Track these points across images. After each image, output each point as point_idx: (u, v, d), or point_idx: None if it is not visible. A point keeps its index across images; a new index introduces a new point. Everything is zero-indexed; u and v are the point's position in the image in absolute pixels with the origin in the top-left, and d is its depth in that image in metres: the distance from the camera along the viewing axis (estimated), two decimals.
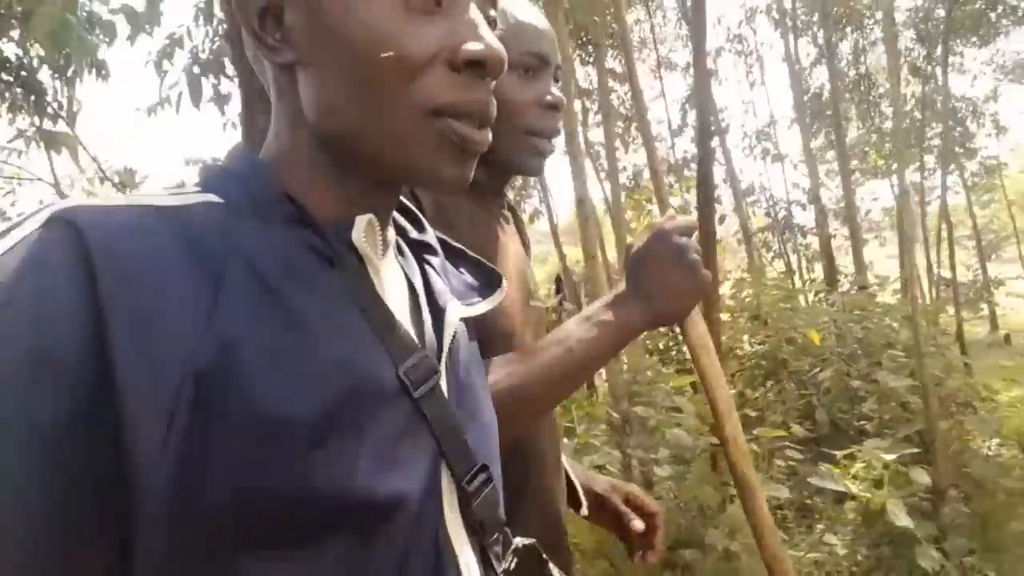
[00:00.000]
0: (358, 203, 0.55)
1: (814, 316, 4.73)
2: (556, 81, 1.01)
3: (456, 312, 0.61)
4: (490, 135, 0.55)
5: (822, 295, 5.67)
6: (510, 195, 1.12)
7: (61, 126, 5.97)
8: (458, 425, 0.54)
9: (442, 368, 0.56)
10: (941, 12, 9.10)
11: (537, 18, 1.00)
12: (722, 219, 9.28)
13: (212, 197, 0.50)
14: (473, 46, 0.51)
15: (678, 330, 1.62)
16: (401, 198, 0.65)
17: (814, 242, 8.49)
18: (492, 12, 0.59)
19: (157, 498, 0.39)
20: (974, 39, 10.02)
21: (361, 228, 0.53)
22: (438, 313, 0.59)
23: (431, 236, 0.67)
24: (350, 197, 0.55)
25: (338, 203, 0.54)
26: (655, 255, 0.92)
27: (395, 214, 0.65)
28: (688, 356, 1.15)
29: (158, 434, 0.39)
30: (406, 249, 0.64)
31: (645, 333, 0.96)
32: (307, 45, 0.52)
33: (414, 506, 0.49)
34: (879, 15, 9.68)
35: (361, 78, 0.50)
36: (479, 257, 0.72)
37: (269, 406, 0.42)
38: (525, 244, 1.11)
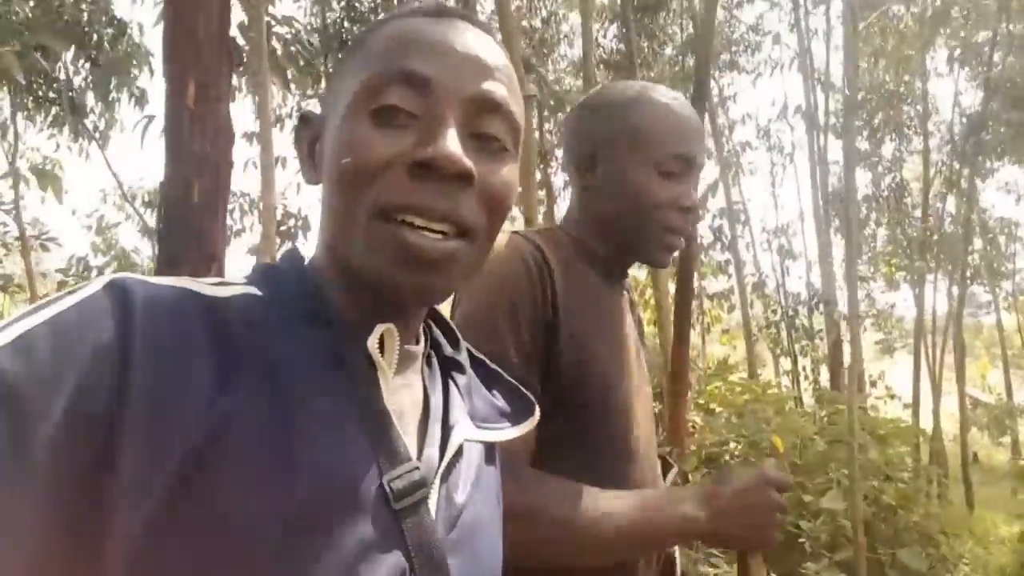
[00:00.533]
0: (374, 311, 0.56)
1: (789, 423, 4.63)
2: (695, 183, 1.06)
3: (463, 432, 0.61)
4: (451, 246, 0.54)
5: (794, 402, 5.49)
6: None
7: (93, 147, 6.32)
8: (437, 545, 0.53)
9: (435, 485, 0.56)
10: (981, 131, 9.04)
11: (689, 115, 1.05)
12: (731, 308, 9.19)
13: (253, 290, 0.55)
14: (423, 151, 0.52)
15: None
16: (444, 316, 0.69)
17: (822, 346, 8.32)
18: (531, 87, 0.65)
19: (128, 534, 0.43)
20: (1013, 157, 9.88)
21: (376, 336, 0.55)
22: (447, 431, 0.60)
23: (463, 355, 0.68)
24: (363, 305, 0.57)
25: (358, 309, 0.57)
26: (750, 497, 0.94)
27: (433, 327, 0.68)
28: None
29: (142, 488, 0.43)
30: (435, 363, 0.65)
31: None
32: (321, 165, 0.59)
33: None
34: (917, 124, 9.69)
35: (329, 185, 0.55)
36: (517, 384, 0.73)
37: (241, 499, 0.45)
38: (639, 325, 1.18)
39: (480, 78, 0.56)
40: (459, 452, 0.60)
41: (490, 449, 0.68)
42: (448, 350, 0.67)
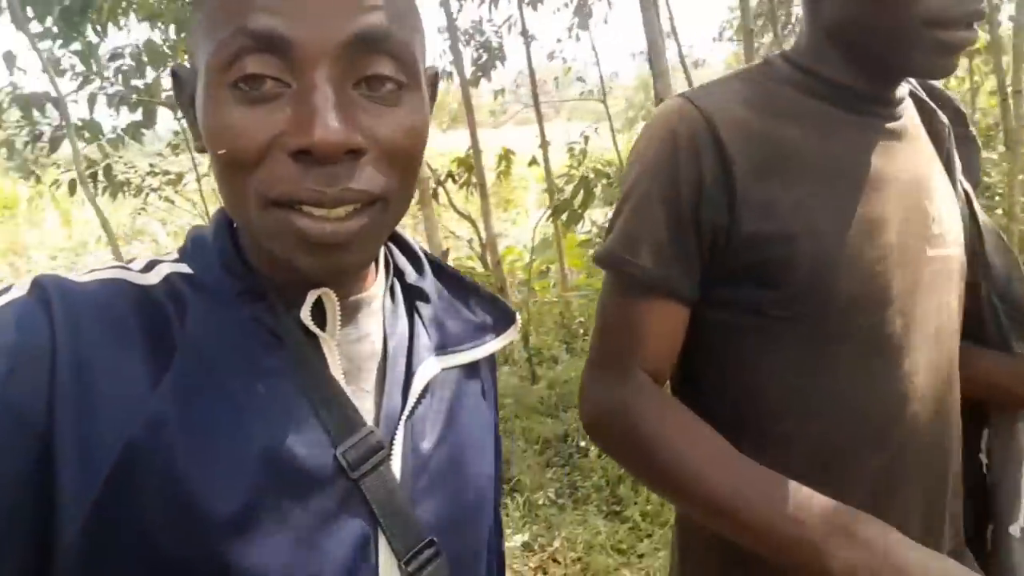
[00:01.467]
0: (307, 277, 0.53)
1: None
2: None
3: (428, 372, 0.59)
4: (359, 223, 0.49)
5: None
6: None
7: None
8: (402, 503, 0.53)
9: (398, 436, 0.55)
10: None
11: None
12: None
13: (183, 267, 0.54)
14: (300, 139, 0.46)
15: None
16: (408, 239, 0.66)
17: None
18: None
19: (72, 533, 0.44)
20: None
21: (308, 306, 0.53)
22: (410, 375, 0.58)
23: (428, 281, 0.65)
24: (293, 271, 0.52)
25: (288, 274, 0.53)
26: None
27: (397, 255, 0.65)
28: None
29: (80, 486, 0.44)
30: (399, 295, 0.63)
31: None
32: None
33: None
34: None
35: (213, 165, 0.51)
36: (494, 294, 0.69)
37: (188, 494, 0.45)
38: (944, 150, 0.89)
39: (347, 15, 0.47)
40: (425, 391, 0.58)
41: (472, 366, 0.65)
42: (412, 277, 0.64)
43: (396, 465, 0.54)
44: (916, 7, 0.73)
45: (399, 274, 0.64)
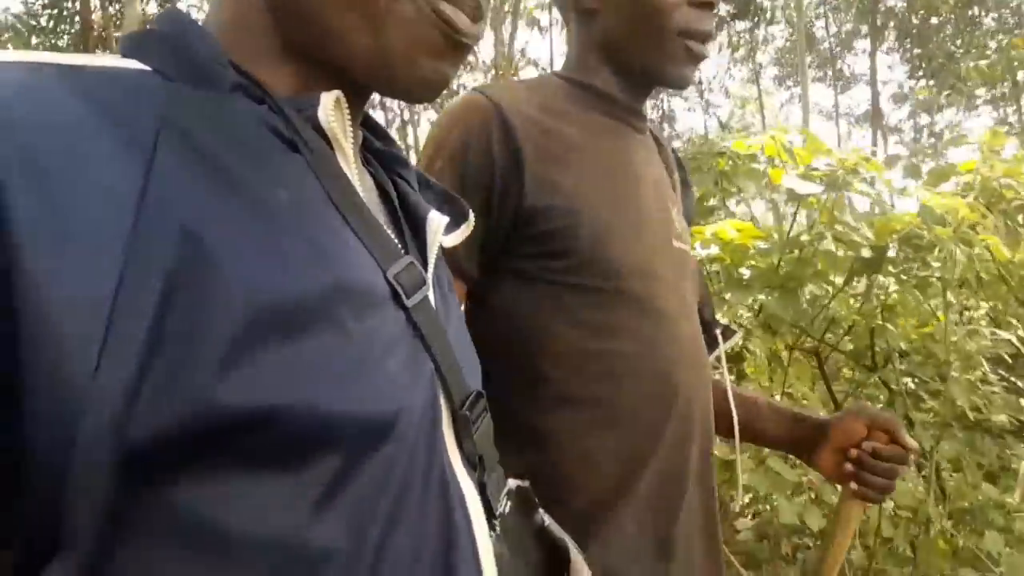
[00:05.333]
0: (320, 85, 0.45)
1: None
2: None
3: (438, 221, 0.52)
4: (483, 30, 0.48)
5: None
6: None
7: None
8: (451, 344, 0.48)
9: (430, 280, 0.49)
10: None
11: None
12: None
13: (134, 63, 0.40)
14: None
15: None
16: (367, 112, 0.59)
17: None
18: None
19: (89, 438, 0.30)
20: None
21: (329, 106, 0.44)
22: (417, 223, 0.52)
23: (399, 149, 0.59)
24: (309, 78, 0.46)
25: (295, 81, 0.46)
26: None
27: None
28: None
29: (84, 359, 0.30)
30: (371, 159, 0.56)
31: None
32: None
33: (412, 428, 0.42)
34: None
35: None
36: (444, 186, 0.63)
37: (238, 284, 0.34)
38: (672, 178, 1.02)
39: None
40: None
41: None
42: (377, 143, 0.58)
43: (433, 306, 0.48)
44: (672, 21, 0.87)
45: (364, 142, 0.56)
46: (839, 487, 1.00)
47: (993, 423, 1.86)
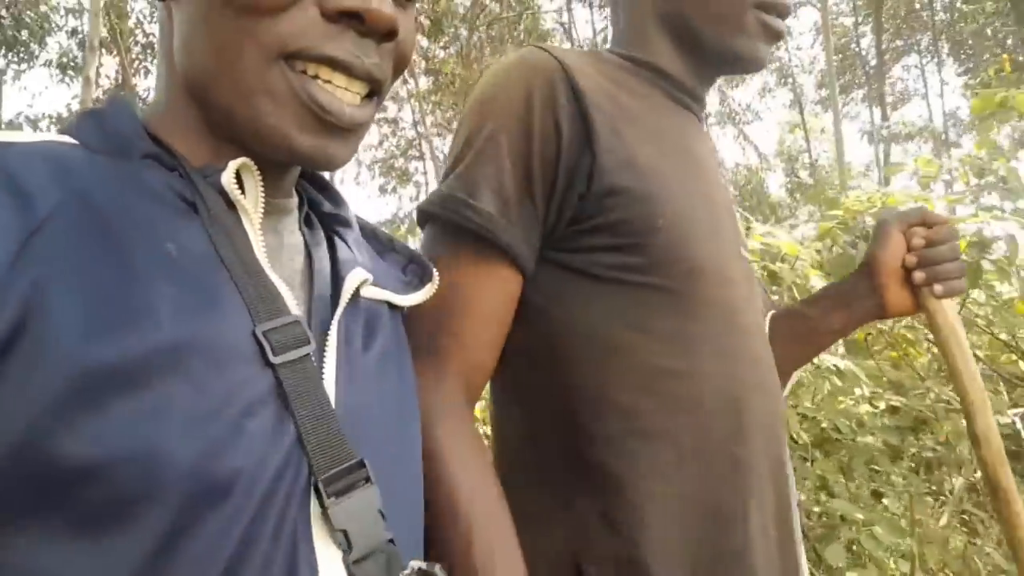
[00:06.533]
0: (232, 156, 0.48)
1: None
2: None
3: (358, 277, 0.53)
4: (366, 113, 0.50)
5: None
6: None
7: None
8: (325, 406, 0.46)
9: (332, 336, 0.49)
10: None
11: None
12: None
13: (65, 139, 0.47)
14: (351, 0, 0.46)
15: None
16: (322, 175, 0.62)
17: None
18: None
19: None
20: None
21: (232, 171, 0.47)
22: (338, 281, 0.53)
23: (348, 211, 0.62)
24: (223, 150, 0.49)
25: (214, 153, 0.50)
26: None
27: (308, 187, 0.61)
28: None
29: None
30: (316, 223, 0.58)
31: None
32: None
33: (256, 493, 0.41)
34: None
35: (215, 16, 0.46)
36: (412, 249, 0.65)
37: (72, 349, 0.37)
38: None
39: None
40: (356, 304, 0.53)
41: (396, 316, 0.60)
42: (328, 207, 0.60)
43: (329, 370, 0.48)
44: None
45: (313, 205, 0.60)
46: (925, 305, 0.90)
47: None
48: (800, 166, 19.94)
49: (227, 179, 0.46)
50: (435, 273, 0.62)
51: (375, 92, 0.50)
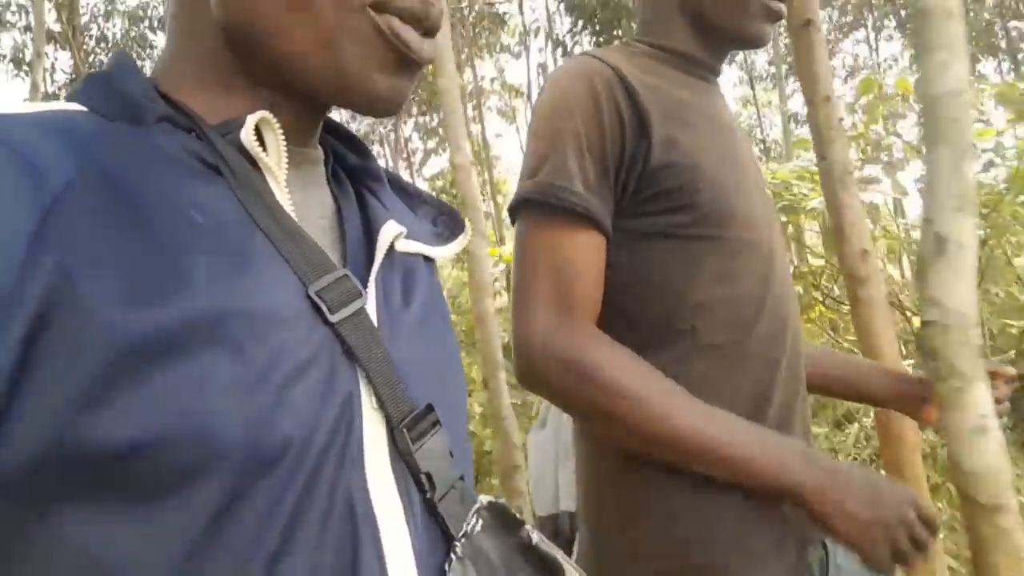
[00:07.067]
0: (275, 107, 0.47)
1: None
2: None
3: (391, 231, 0.51)
4: (433, 50, 0.49)
5: None
6: None
7: None
8: (389, 358, 0.46)
9: (370, 292, 0.48)
10: None
11: None
12: None
13: (73, 106, 0.44)
14: None
15: None
16: (344, 127, 0.60)
17: None
18: None
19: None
20: None
21: (251, 126, 0.44)
22: (371, 234, 0.51)
23: (375, 163, 0.59)
24: (253, 102, 0.47)
25: (234, 108, 0.46)
26: (879, 493, 0.80)
27: (332, 140, 0.58)
28: None
29: None
30: (343, 176, 0.56)
31: None
32: None
33: (310, 455, 0.40)
34: None
35: None
36: (442, 200, 0.64)
37: (105, 327, 0.35)
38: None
39: None
40: (392, 258, 0.52)
41: (431, 268, 0.60)
42: (353, 159, 0.58)
43: (373, 318, 0.47)
44: None
45: (339, 159, 0.57)
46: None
47: None
48: (753, 140, 20.48)
49: (246, 136, 0.44)
50: (467, 224, 0.62)
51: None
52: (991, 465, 0.69)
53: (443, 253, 0.58)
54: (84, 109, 0.43)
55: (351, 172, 0.57)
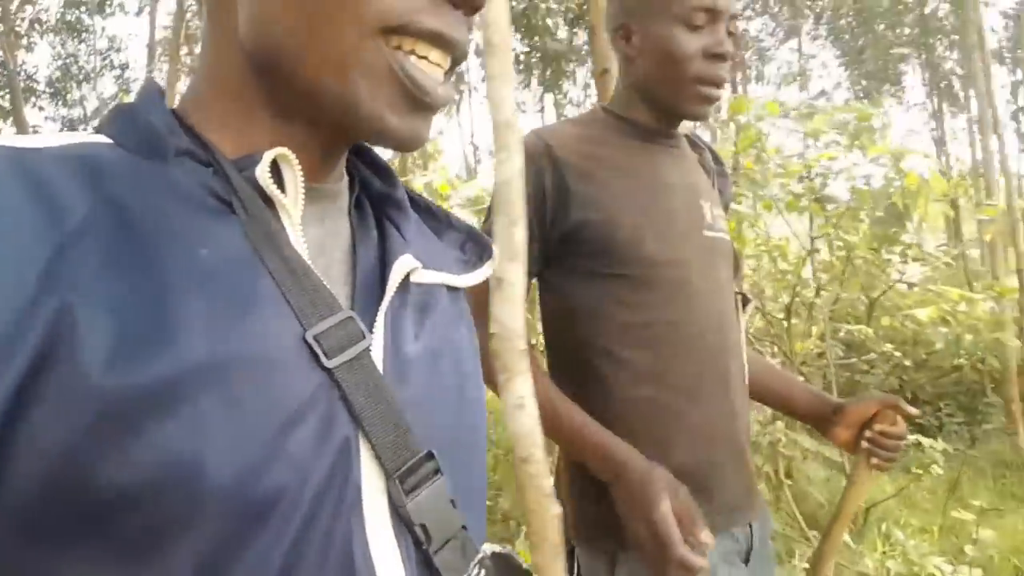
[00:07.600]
0: (286, 143, 0.46)
1: None
2: (730, 33, 1.12)
3: (406, 264, 0.50)
4: (450, 90, 0.48)
5: None
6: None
7: None
8: (392, 402, 0.45)
9: (377, 331, 0.47)
10: None
11: None
12: None
13: (99, 138, 0.44)
14: None
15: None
16: (374, 152, 0.58)
17: None
18: None
19: None
20: None
21: (267, 163, 0.43)
22: (385, 268, 0.50)
23: (400, 191, 0.57)
24: (277, 135, 0.46)
25: (256, 141, 0.46)
26: (643, 489, 0.97)
27: (361, 167, 0.57)
28: None
29: None
30: (367, 207, 0.55)
31: None
32: None
33: (303, 505, 0.40)
34: None
35: None
36: (470, 225, 0.62)
37: (102, 375, 0.35)
38: (710, 175, 1.27)
39: None
40: (406, 292, 0.50)
41: (456, 296, 0.59)
42: (378, 184, 0.57)
43: (377, 364, 0.46)
44: (690, 71, 1.09)
45: (365, 185, 0.56)
46: (858, 459, 1.23)
47: None
48: None
49: (262, 173, 0.43)
50: (494, 250, 0.61)
51: (454, 68, 0.47)
52: (525, 430, 1.05)
53: (468, 281, 0.57)
54: (110, 142, 0.43)
55: (375, 199, 0.56)
